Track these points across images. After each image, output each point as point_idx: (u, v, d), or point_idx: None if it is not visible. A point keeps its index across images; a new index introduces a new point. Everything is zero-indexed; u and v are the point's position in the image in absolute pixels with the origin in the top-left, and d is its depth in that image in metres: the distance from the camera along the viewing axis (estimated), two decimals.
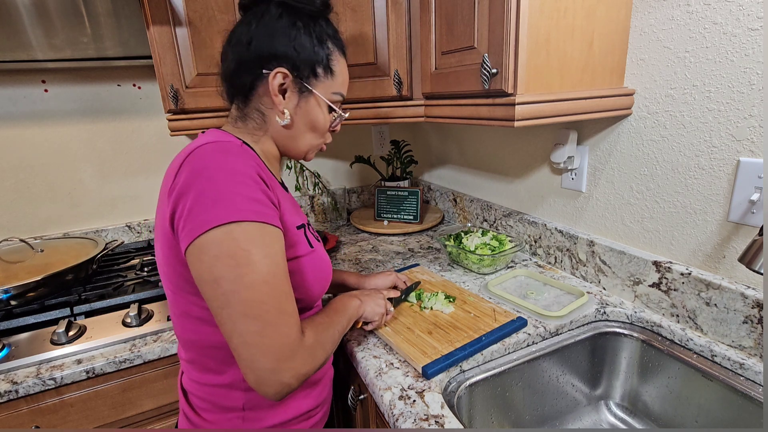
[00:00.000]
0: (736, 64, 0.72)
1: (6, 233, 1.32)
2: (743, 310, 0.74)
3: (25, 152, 1.31)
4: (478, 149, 1.42)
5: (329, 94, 0.70)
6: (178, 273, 0.60)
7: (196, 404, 0.68)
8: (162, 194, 0.61)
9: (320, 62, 0.67)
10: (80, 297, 1.06)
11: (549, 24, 0.74)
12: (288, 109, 0.67)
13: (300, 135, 0.71)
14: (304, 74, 0.66)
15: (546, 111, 0.77)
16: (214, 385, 0.66)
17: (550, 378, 0.88)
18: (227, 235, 0.51)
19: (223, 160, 0.55)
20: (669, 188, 0.86)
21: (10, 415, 0.84)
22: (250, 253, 0.52)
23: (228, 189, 0.53)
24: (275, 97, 0.65)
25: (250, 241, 0.52)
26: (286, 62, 0.65)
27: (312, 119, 0.70)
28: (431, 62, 0.95)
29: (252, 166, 0.57)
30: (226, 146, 0.58)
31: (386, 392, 0.71)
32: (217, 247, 0.52)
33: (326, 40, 0.68)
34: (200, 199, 0.52)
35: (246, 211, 0.53)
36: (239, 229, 0.52)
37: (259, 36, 0.65)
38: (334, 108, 0.71)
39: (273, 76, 0.64)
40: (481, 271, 1.13)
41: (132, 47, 1.23)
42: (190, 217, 0.53)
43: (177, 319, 0.65)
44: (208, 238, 0.52)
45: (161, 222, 0.59)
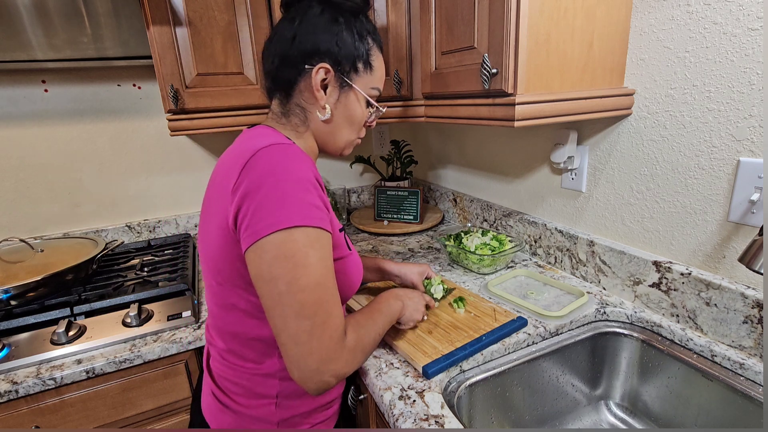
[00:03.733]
0: (736, 64, 0.72)
1: (6, 233, 1.32)
2: (743, 310, 0.74)
3: (25, 152, 1.31)
4: (478, 149, 1.42)
5: (368, 89, 0.71)
6: (234, 268, 0.61)
7: (230, 389, 0.70)
8: (219, 188, 0.62)
9: (361, 57, 0.69)
10: (80, 297, 1.06)
11: (549, 24, 0.74)
12: (329, 104, 0.68)
13: (339, 130, 0.72)
14: (345, 69, 0.68)
15: (546, 111, 0.77)
16: (252, 373, 0.68)
17: (550, 378, 0.88)
18: (289, 238, 0.54)
19: (289, 165, 0.57)
20: (669, 188, 0.86)
21: (10, 415, 0.84)
22: (308, 256, 0.55)
23: (293, 194, 0.56)
24: (317, 92, 0.67)
25: (309, 245, 0.55)
26: (328, 57, 0.66)
27: (351, 114, 0.71)
28: (431, 62, 0.95)
29: (312, 171, 0.60)
30: (290, 150, 0.60)
31: (386, 392, 0.71)
32: (277, 249, 0.54)
33: (366, 36, 0.69)
34: (267, 202, 0.55)
35: (308, 216, 0.56)
36: (300, 233, 0.55)
37: (303, 32, 0.66)
38: (372, 102, 0.73)
39: (316, 71, 0.66)
40: (481, 271, 1.13)
41: (132, 47, 1.23)
42: (255, 218, 0.55)
43: (220, 311, 0.67)
44: (271, 239, 0.54)
45: (220, 217, 0.60)
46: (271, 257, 0.54)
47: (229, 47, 1.13)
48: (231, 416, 0.69)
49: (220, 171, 0.64)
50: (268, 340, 0.66)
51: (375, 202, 1.59)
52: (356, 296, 1.02)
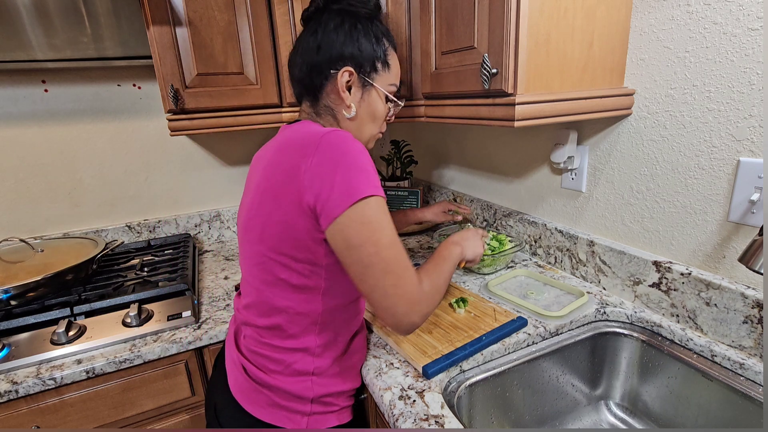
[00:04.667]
0: (736, 64, 0.72)
1: (6, 233, 1.32)
2: (743, 310, 0.74)
3: (25, 152, 1.31)
4: (478, 149, 1.42)
5: (387, 86, 0.78)
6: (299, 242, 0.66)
7: (267, 366, 0.73)
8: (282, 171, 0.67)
9: (379, 58, 0.75)
10: (80, 297, 1.06)
11: (549, 24, 0.74)
12: (354, 103, 0.75)
13: (363, 125, 0.79)
14: (366, 70, 0.75)
15: (546, 111, 0.77)
16: (291, 349, 0.73)
17: (550, 378, 0.88)
18: (367, 206, 0.62)
19: (354, 145, 0.64)
20: (669, 188, 0.86)
21: (10, 415, 0.84)
22: (384, 220, 0.63)
23: (364, 168, 0.63)
24: (343, 93, 0.74)
25: (383, 212, 0.64)
26: (351, 61, 0.73)
27: (373, 110, 0.78)
28: (431, 62, 0.95)
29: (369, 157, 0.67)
30: (348, 133, 0.67)
31: (386, 392, 0.71)
32: (362, 216, 0.62)
33: (382, 38, 0.76)
34: (349, 172, 0.61)
35: (378, 186, 0.64)
36: (374, 201, 0.62)
37: (326, 41, 0.73)
38: (391, 98, 0.79)
39: (341, 75, 0.72)
40: (481, 271, 1.13)
41: (132, 47, 1.23)
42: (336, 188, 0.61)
43: (268, 287, 0.72)
44: (355, 209, 0.61)
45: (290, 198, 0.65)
46: (358, 224, 0.61)
47: (229, 47, 1.13)
48: (267, 393, 0.72)
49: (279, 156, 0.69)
50: (311, 315, 0.72)
51: None
52: None
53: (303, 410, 0.72)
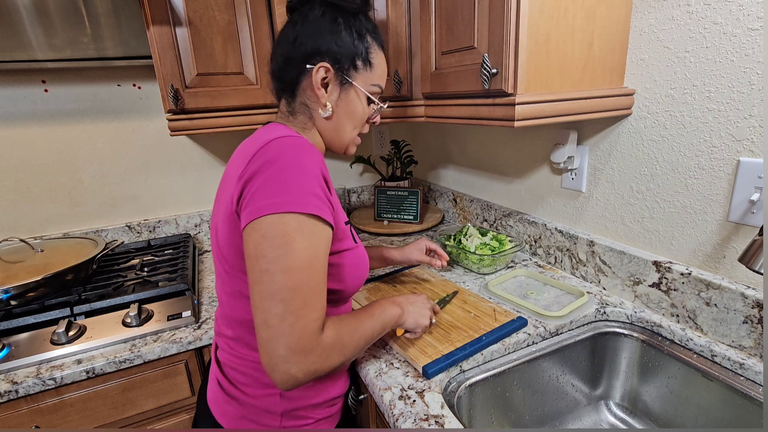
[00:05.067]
0: (736, 64, 0.72)
1: (6, 233, 1.32)
2: (743, 310, 0.74)
3: (25, 152, 1.31)
4: (478, 149, 1.42)
5: (368, 86, 0.73)
6: (239, 253, 0.63)
7: (237, 379, 0.71)
8: (229, 178, 0.65)
9: (359, 55, 0.70)
10: (80, 297, 1.06)
11: (549, 24, 0.74)
12: (330, 102, 0.71)
13: (341, 126, 0.74)
14: (344, 67, 0.70)
15: (546, 111, 0.77)
16: (258, 362, 0.69)
17: (550, 378, 0.88)
18: (280, 220, 0.56)
19: (295, 155, 0.60)
20: (669, 188, 0.86)
21: (10, 415, 0.84)
22: (295, 241, 0.56)
23: (295, 181, 0.57)
24: (318, 90, 0.69)
25: (299, 231, 0.56)
26: (328, 57, 0.69)
27: (351, 110, 0.73)
28: (431, 62, 0.95)
29: (318, 165, 0.61)
30: (299, 141, 0.62)
31: (386, 392, 0.71)
32: (268, 228, 0.56)
33: (365, 35, 0.71)
34: (268, 185, 0.57)
35: (305, 204, 0.57)
36: (293, 218, 0.56)
37: (304, 34, 0.69)
38: (373, 99, 0.74)
39: (316, 70, 0.68)
40: (481, 271, 1.13)
41: (132, 47, 1.23)
42: (254, 199, 0.57)
43: (229, 298, 0.69)
44: (265, 219, 0.56)
45: (226, 204, 0.63)
46: (260, 236, 0.56)
47: (229, 47, 1.13)
48: (236, 406, 0.70)
49: (232, 164, 0.67)
50: None
51: (375, 202, 1.59)
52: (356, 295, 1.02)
53: (272, 425, 0.69)
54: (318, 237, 0.59)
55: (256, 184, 0.57)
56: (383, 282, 1.10)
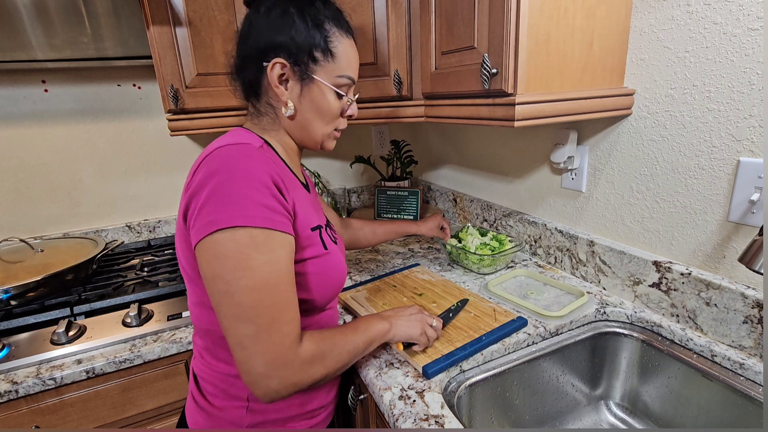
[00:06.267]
0: (736, 64, 0.72)
1: (6, 233, 1.32)
2: (743, 310, 0.74)
3: (25, 152, 1.31)
4: (478, 149, 1.42)
5: (333, 78, 0.67)
6: (193, 265, 0.61)
7: (206, 389, 0.70)
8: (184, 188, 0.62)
9: (317, 46, 0.65)
10: (80, 297, 1.06)
11: (549, 24, 0.74)
12: (291, 99, 0.67)
13: (309, 124, 0.69)
14: (302, 61, 0.65)
15: (546, 111, 0.77)
16: (224, 373, 0.67)
17: (550, 378, 0.88)
18: (231, 237, 0.53)
19: (239, 164, 0.56)
20: (669, 188, 0.86)
21: (10, 415, 0.84)
22: (250, 258, 0.53)
23: (240, 193, 0.54)
24: (276, 88, 0.65)
25: (253, 246, 0.53)
26: (282, 51, 0.64)
27: (318, 106, 0.68)
28: (431, 62, 0.95)
29: (267, 171, 0.57)
30: (245, 149, 0.58)
31: (386, 392, 0.71)
32: (219, 248, 0.53)
33: (323, 23, 0.65)
34: (212, 200, 0.54)
35: (254, 216, 0.53)
36: (244, 233, 0.53)
37: (256, 29, 0.65)
38: (340, 92, 0.69)
39: (271, 67, 0.64)
40: (481, 271, 1.13)
41: (132, 47, 1.23)
42: (200, 216, 0.54)
43: (194, 308, 0.67)
44: (213, 238, 0.53)
45: (179, 216, 0.61)
46: (212, 255, 0.53)
47: (229, 47, 1.12)
48: (204, 417, 0.69)
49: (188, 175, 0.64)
50: None
51: (375, 202, 1.59)
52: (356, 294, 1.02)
53: None
54: (275, 249, 0.55)
55: (201, 199, 0.54)
56: (383, 282, 1.10)
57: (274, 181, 0.57)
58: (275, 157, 0.66)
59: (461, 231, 1.24)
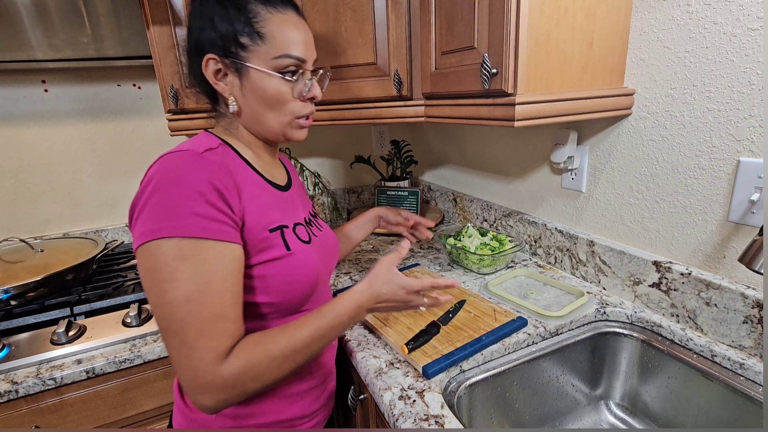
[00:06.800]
0: (736, 64, 0.72)
1: (6, 233, 1.32)
2: (743, 310, 0.74)
3: (25, 152, 1.31)
4: (478, 149, 1.42)
5: (270, 61, 0.62)
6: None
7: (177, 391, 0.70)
8: None
9: (241, 31, 0.61)
10: (80, 297, 1.06)
11: (549, 24, 0.74)
12: (234, 94, 0.64)
13: (260, 116, 0.65)
14: (231, 50, 0.61)
15: (546, 111, 0.77)
16: None
17: (550, 378, 0.88)
18: (157, 250, 0.52)
19: (173, 173, 0.54)
20: (669, 188, 0.86)
21: (10, 415, 0.84)
22: (177, 270, 0.51)
23: (169, 203, 0.52)
24: (216, 85, 0.63)
25: (181, 257, 0.51)
26: (211, 46, 0.62)
27: (261, 95, 0.63)
28: (431, 62, 0.95)
29: (205, 177, 0.54)
30: (183, 156, 0.56)
31: (386, 392, 0.71)
32: (148, 260, 0.52)
33: (245, 4, 0.61)
34: (144, 210, 0.53)
35: (183, 226, 0.52)
36: (171, 244, 0.51)
37: (191, 27, 0.64)
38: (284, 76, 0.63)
39: (204, 65, 0.62)
40: (481, 271, 1.13)
41: (132, 47, 1.23)
42: (135, 227, 0.54)
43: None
44: (144, 250, 0.52)
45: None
46: (143, 268, 0.53)
47: None
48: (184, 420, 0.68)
49: None
50: None
51: (375, 202, 1.59)
52: None
53: None
54: (208, 260, 0.53)
55: (137, 209, 0.54)
56: None
57: (215, 187, 0.55)
58: (231, 159, 0.63)
59: (461, 231, 1.24)
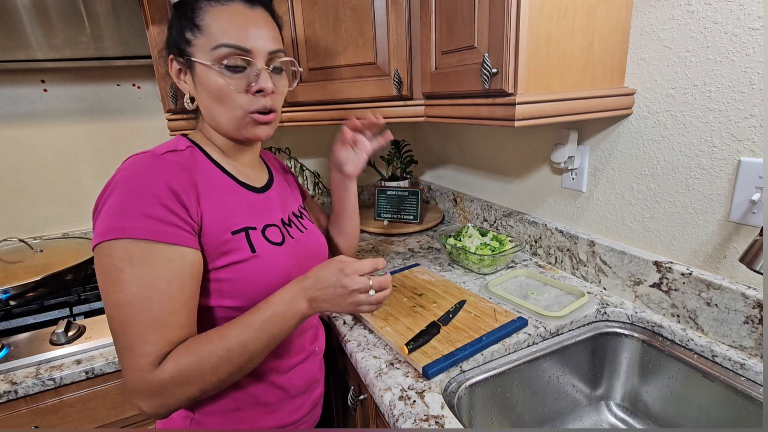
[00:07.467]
0: (736, 64, 0.72)
1: (5, 233, 1.32)
2: (744, 310, 0.74)
3: (25, 152, 1.31)
4: (478, 149, 1.42)
5: (208, 54, 0.61)
6: None
7: None
8: None
9: (186, 26, 0.62)
10: (80, 297, 1.06)
11: (549, 24, 0.73)
12: (190, 91, 0.66)
13: (213, 112, 0.65)
14: (181, 47, 0.63)
15: (546, 111, 0.77)
16: None
17: (550, 378, 0.88)
18: (107, 251, 0.52)
19: (130, 174, 0.55)
20: (670, 188, 0.86)
21: (10, 416, 0.84)
22: (122, 272, 0.52)
23: (121, 204, 0.53)
24: (178, 83, 0.66)
25: (127, 260, 0.52)
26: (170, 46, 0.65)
27: (208, 90, 0.63)
28: (431, 62, 0.95)
29: (162, 179, 0.55)
30: (141, 158, 0.57)
31: (386, 392, 0.71)
32: (100, 261, 0.53)
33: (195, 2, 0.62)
34: (101, 212, 0.54)
35: (132, 228, 0.52)
36: (119, 246, 0.52)
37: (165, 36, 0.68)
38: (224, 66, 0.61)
39: (170, 65, 0.65)
40: (481, 271, 1.12)
41: (131, 47, 1.23)
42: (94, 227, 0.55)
43: None
44: (98, 250, 0.53)
45: None
46: (96, 269, 0.54)
47: None
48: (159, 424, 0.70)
49: None
50: None
51: (375, 202, 1.59)
52: None
53: None
54: (156, 262, 0.53)
55: (96, 209, 0.55)
56: None
57: (171, 189, 0.55)
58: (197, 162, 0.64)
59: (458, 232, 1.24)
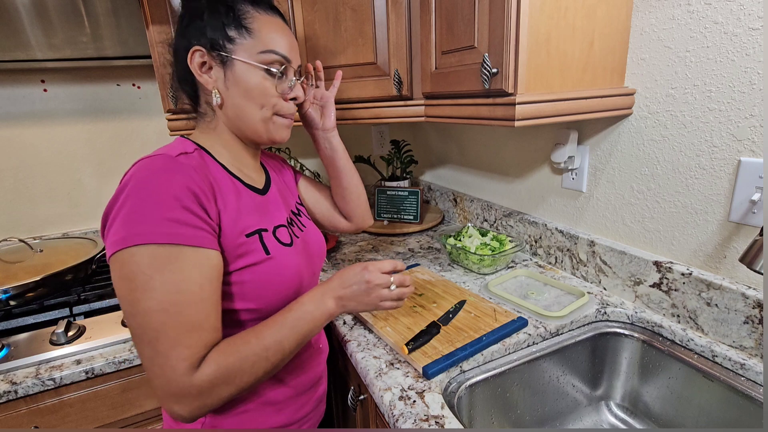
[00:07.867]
0: (737, 64, 0.72)
1: (5, 233, 1.32)
2: (744, 310, 0.74)
3: (25, 152, 1.31)
4: (478, 149, 1.42)
5: (255, 55, 0.64)
6: None
7: None
8: None
9: (229, 24, 0.63)
10: (79, 297, 1.06)
11: (549, 24, 0.73)
12: (217, 87, 0.64)
13: (241, 111, 0.65)
14: (218, 43, 0.63)
15: (546, 111, 0.77)
16: None
17: (550, 378, 0.88)
18: (130, 258, 0.51)
19: (148, 177, 0.54)
20: (670, 188, 0.86)
21: (10, 416, 0.84)
22: (151, 279, 0.51)
23: (143, 209, 0.51)
24: (200, 77, 0.64)
25: (153, 266, 0.51)
26: (198, 39, 0.63)
27: (245, 87, 0.64)
28: (431, 62, 0.95)
29: (181, 182, 0.54)
30: (158, 161, 0.56)
31: (386, 392, 0.71)
32: (120, 269, 0.51)
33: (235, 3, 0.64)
34: (118, 218, 0.52)
35: (157, 233, 0.51)
36: (144, 252, 0.51)
37: (179, 27, 0.66)
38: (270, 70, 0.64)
39: (190, 58, 0.63)
40: (481, 271, 1.12)
41: (131, 47, 1.23)
42: (108, 233, 0.53)
43: None
44: (117, 258, 0.51)
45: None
46: (116, 276, 0.52)
47: None
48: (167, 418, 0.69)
49: None
50: None
51: (375, 201, 1.59)
52: None
53: None
54: (183, 267, 0.52)
55: (111, 216, 0.53)
56: None
57: (191, 191, 0.54)
58: (207, 163, 0.63)
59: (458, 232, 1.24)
